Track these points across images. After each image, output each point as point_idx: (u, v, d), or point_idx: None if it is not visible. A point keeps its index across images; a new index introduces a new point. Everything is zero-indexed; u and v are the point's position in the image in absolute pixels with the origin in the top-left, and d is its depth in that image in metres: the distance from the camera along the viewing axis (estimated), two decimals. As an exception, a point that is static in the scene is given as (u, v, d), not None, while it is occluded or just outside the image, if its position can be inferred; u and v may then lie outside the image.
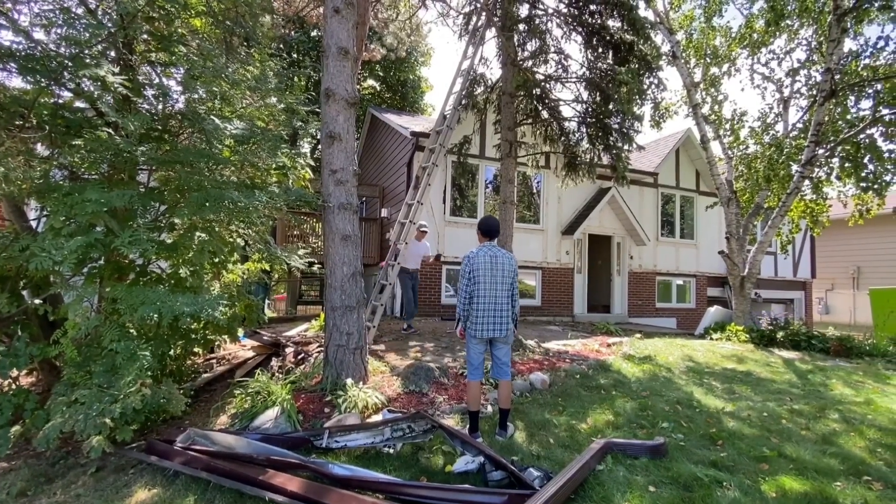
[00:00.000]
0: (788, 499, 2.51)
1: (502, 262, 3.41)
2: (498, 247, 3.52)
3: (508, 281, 3.42)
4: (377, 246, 11.33)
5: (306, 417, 3.79)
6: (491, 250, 3.46)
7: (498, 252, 3.45)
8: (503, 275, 3.39)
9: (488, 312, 3.36)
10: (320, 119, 4.43)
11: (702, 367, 5.56)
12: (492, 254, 3.43)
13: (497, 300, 3.37)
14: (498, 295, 3.37)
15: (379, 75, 19.16)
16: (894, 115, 7.91)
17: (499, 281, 3.37)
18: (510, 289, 3.44)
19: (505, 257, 3.45)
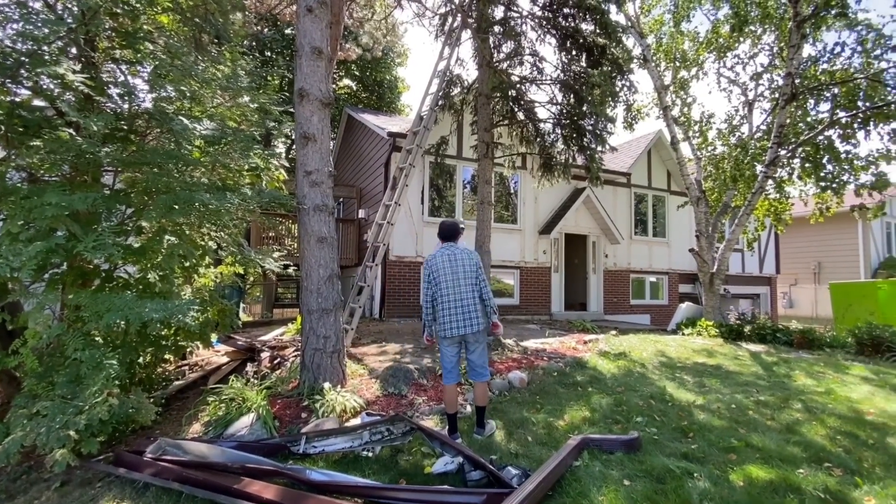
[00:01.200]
0: (755, 487, 2.61)
1: (461, 259, 3.39)
2: (457, 245, 3.50)
3: (472, 276, 3.38)
4: (355, 247, 11.23)
5: (283, 423, 3.73)
6: (448, 249, 3.45)
7: (456, 250, 3.44)
8: (464, 271, 3.36)
9: (455, 310, 3.32)
10: (294, 119, 4.37)
11: (674, 362, 5.72)
12: (449, 252, 3.42)
13: (462, 296, 3.34)
14: (462, 291, 3.34)
15: (355, 75, 19.00)
16: (850, 117, 8.32)
17: (461, 277, 3.35)
18: (474, 283, 3.38)
19: (464, 253, 3.42)
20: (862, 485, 2.66)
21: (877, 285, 10.93)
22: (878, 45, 8.05)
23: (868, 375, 5.21)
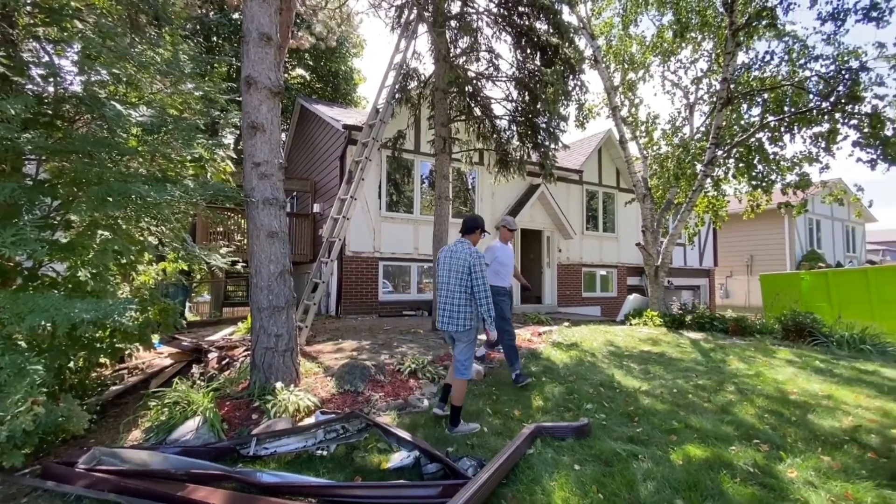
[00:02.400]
0: (693, 465, 2.79)
1: (455, 256, 3.37)
2: (464, 241, 3.48)
3: (459, 275, 3.32)
4: (309, 243, 10.93)
5: (232, 426, 3.58)
6: (453, 246, 3.49)
7: (455, 247, 3.45)
8: (456, 269, 3.33)
9: (441, 305, 3.41)
10: (241, 109, 4.17)
11: (622, 351, 6.00)
12: (451, 249, 3.47)
13: (448, 294, 3.37)
14: (450, 289, 3.36)
15: (309, 64, 18.40)
16: (778, 121, 9.01)
17: (452, 275, 3.36)
18: (462, 283, 3.31)
19: (460, 251, 3.38)
20: (786, 458, 2.90)
21: (800, 276, 11.96)
22: (803, 56, 8.76)
23: (792, 358, 5.70)
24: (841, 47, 8.22)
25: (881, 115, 7.77)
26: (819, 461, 2.85)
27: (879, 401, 4.05)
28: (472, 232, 3.52)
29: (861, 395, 4.19)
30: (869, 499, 2.38)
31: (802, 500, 2.38)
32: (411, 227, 10.35)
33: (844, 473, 2.69)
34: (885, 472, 2.71)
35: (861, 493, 2.42)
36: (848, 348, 6.48)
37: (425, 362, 4.90)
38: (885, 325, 7.80)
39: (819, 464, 2.81)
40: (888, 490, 2.48)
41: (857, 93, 7.80)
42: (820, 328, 7.13)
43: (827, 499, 2.39)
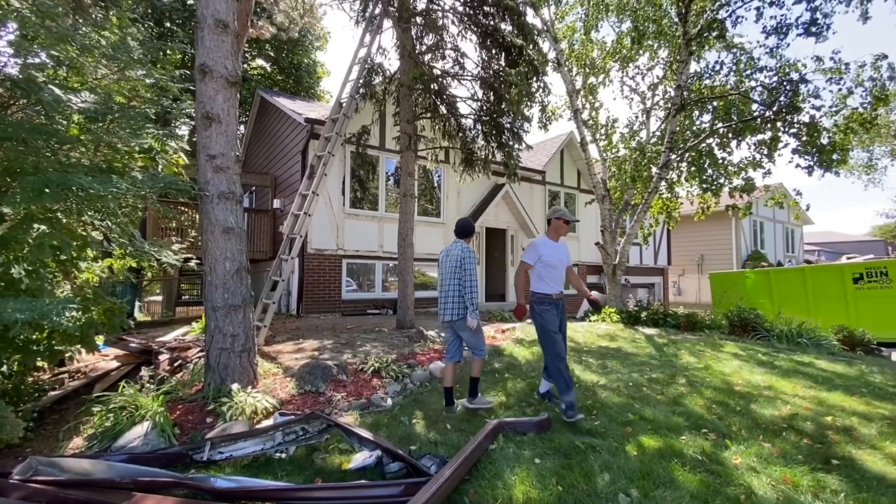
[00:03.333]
0: (646, 455, 2.91)
1: (451, 255, 3.75)
2: (459, 241, 3.83)
3: (451, 270, 3.71)
4: (269, 239, 10.59)
5: (184, 430, 3.42)
6: (450, 246, 3.85)
7: (452, 246, 3.82)
8: (451, 266, 3.73)
9: (441, 299, 3.80)
10: (195, 98, 3.97)
11: (581, 347, 6.18)
12: (448, 249, 3.84)
13: (445, 288, 3.76)
14: (447, 284, 3.75)
15: (269, 55, 17.82)
16: (726, 128, 9.53)
17: (448, 271, 3.75)
18: (454, 277, 3.70)
19: (455, 251, 3.76)
20: (731, 446, 3.07)
21: (745, 275, 12.73)
22: (749, 67, 9.30)
23: (738, 352, 6.05)
24: (783, 60, 8.79)
25: (818, 125, 8.37)
26: (761, 448, 3.03)
27: (814, 390, 4.36)
28: (468, 236, 3.88)
29: (798, 386, 4.50)
30: (805, 482, 2.56)
31: (746, 485, 2.52)
32: (376, 225, 10.23)
33: (783, 459, 2.88)
34: (819, 457, 2.92)
35: (798, 477, 2.60)
36: (787, 342, 6.95)
37: (389, 361, 4.86)
38: (820, 319, 8.42)
39: (761, 450, 2.99)
40: (822, 473, 2.68)
41: (796, 103, 8.36)
42: (762, 323, 7.61)
43: (767, 483, 2.55)
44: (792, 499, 2.37)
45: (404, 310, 7.04)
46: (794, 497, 2.39)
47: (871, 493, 2.42)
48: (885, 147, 26.70)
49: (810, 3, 7.68)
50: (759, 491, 2.45)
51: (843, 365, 5.58)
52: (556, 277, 3.76)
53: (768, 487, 2.49)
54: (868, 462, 2.84)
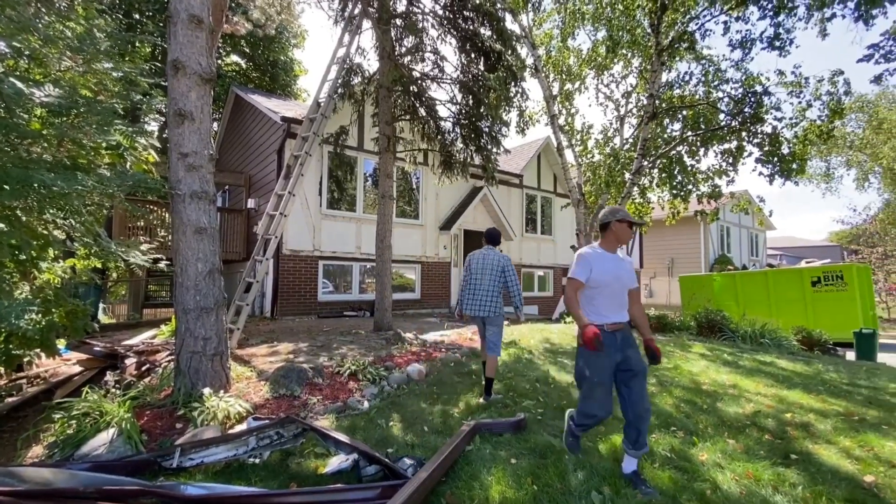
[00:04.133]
0: (618, 453, 2.98)
1: (491, 260, 4.31)
2: (494, 249, 4.40)
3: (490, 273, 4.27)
4: (243, 240, 10.36)
5: (153, 437, 3.31)
6: (485, 251, 4.38)
7: (487, 252, 4.37)
8: (491, 269, 4.28)
9: (472, 297, 4.30)
10: (167, 94, 3.86)
11: (557, 348, 6.28)
12: (483, 254, 4.36)
13: (482, 288, 4.27)
14: (483, 284, 4.27)
15: (245, 52, 17.44)
16: (695, 137, 9.89)
17: (486, 274, 4.27)
18: (496, 280, 4.28)
19: (493, 256, 4.33)
20: (698, 443, 3.19)
21: (713, 278, 13.20)
22: (717, 78, 9.68)
23: (705, 352, 6.27)
24: (748, 73, 9.19)
25: (779, 136, 8.78)
26: (725, 444, 3.16)
27: (775, 388, 4.57)
28: (498, 243, 4.46)
29: (760, 384, 4.70)
30: (766, 476, 2.68)
31: (712, 480, 2.62)
32: (353, 226, 10.15)
33: (746, 454, 3.00)
34: (779, 452, 3.06)
35: (759, 472, 2.72)
36: (751, 342, 7.26)
37: (366, 363, 4.82)
38: (782, 321, 8.82)
39: (725, 447, 3.12)
40: (781, 468, 2.81)
41: (760, 114, 8.75)
42: (728, 325, 7.92)
43: (731, 478, 2.66)
44: (754, 492, 2.48)
45: (382, 312, 7.00)
46: (756, 490, 2.50)
47: (825, 486, 2.56)
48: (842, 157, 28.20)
49: (773, 18, 8.05)
50: (723, 486, 2.55)
51: (801, 364, 5.86)
52: (611, 302, 2.73)
53: (732, 482, 2.60)
54: (824, 456, 3.00)
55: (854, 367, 6.16)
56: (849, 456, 3.02)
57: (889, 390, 4.67)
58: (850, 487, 2.56)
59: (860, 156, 27.33)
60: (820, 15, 7.65)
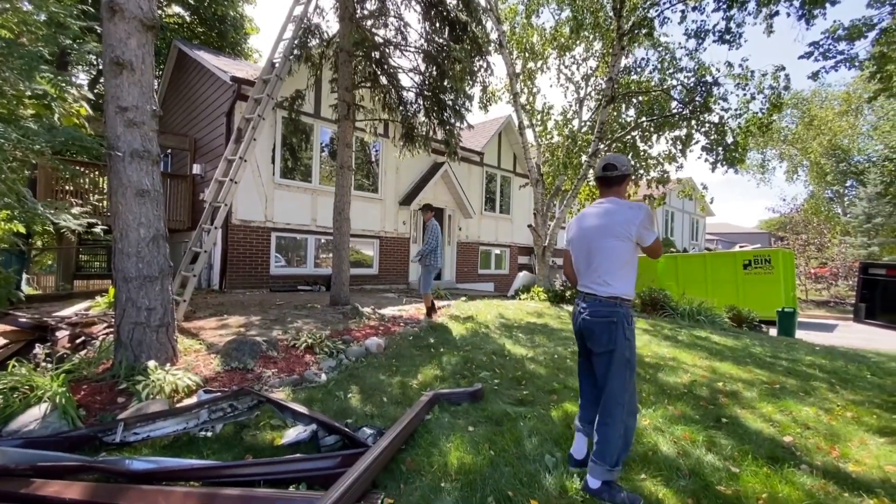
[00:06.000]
0: (569, 419, 3.14)
1: None
2: None
3: None
4: (187, 208, 9.75)
5: (91, 412, 3.11)
6: None
7: None
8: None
9: None
10: (102, 41, 3.47)
11: (511, 323, 6.46)
12: None
13: None
14: None
15: (189, 3, 16.00)
16: (649, 122, 10.25)
17: None
18: None
19: None
20: (641, 409, 3.41)
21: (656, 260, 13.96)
22: (671, 66, 10.01)
23: (647, 328, 6.67)
24: (700, 63, 9.56)
25: (725, 125, 9.27)
26: (665, 410, 3.40)
27: (709, 360, 4.95)
28: None
29: (696, 357, 5.08)
30: (700, 438, 2.92)
31: (653, 442, 2.83)
32: (309, 197, 9.80)
33: (683, 419, 3.25)
34: (711, 417, 3.34)
35: (694, 434, 2.96)
36: (689, 319, 7.79)
37: (323, 337, 4.75)
38: (716, 300, 9.50)
39: (665, 413, 3.36)
40: (713, 430, 3.07)
41: (709, 104, 9.18)
42: (669, 303, 8.45)
43: (670, 440, 2.88)
44: (689, 452, 2.70)
45: (339, 286, 6.88)
46: (691, 451, 2.72)
47: (751, 445, 2.83)
48: (776, 150, 30.35)
49: (726, 12, 8.38)
50: (662, 447, 2.75)
51: (732, 339, 6.37)
52: None
53: (671, 444, 2.82)
54: (749, 420, 3.30)
55: (776, 342, 6.79)
56: (771, 419, 3.34)
57: (805, 362, 5.19)
58: (772, 446, 2.85)
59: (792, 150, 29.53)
60: (767, 10, 8.03)
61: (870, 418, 3.41)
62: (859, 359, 5.57)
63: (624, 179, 2.36)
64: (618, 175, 2.34)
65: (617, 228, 2.22)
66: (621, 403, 2.19)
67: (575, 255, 2.45)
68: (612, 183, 2.37)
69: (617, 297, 2.24)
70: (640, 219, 2.21)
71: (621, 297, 2.24)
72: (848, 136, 27.58)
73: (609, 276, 2.24)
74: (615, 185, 2.37)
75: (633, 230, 2.21)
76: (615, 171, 2.33)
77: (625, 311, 2.25)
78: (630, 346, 2.24)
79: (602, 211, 2.31)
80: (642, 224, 2.21)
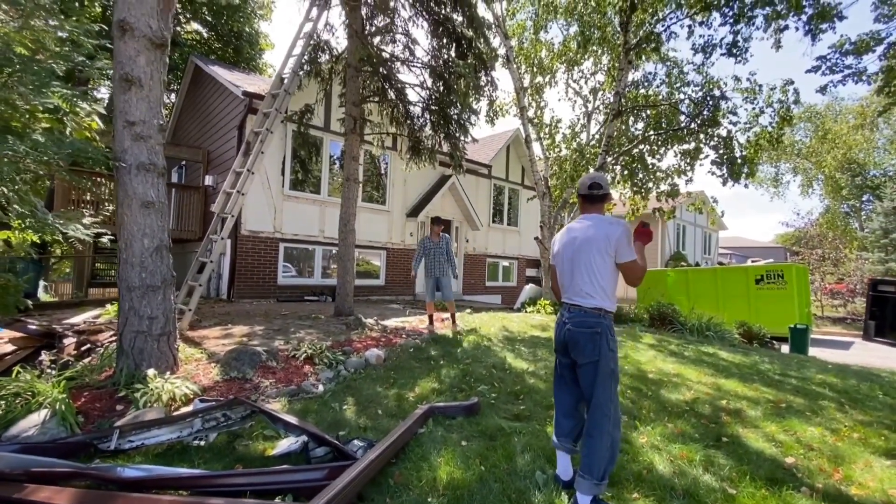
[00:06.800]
0: (565, 436, 3.10)
1: None
2: None
3: None
4: (199, 218, 9.95)
5: (90, 419, 3.16)
6: None
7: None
8: None
9: None
10: (113, 58, 3.61)
11: (515, 336, 6.42)
12: None
13: None
14: None
15: (207, 20, 16.53)
16: (657, 136, 10.22)
17: None
18: None
19: None
20: (640, 427, 3.35)
21: (666, 273, 13.79)
22: (679, 80, 10.01)
23: (654, 343, 6.57)
24: (708, 77, 9.54)
25: (733, 139, 9.20)
26: (665, 428, 3.33)
27: (714, 377, 4.85)
28: None
29: (701, 373, 4.98)
30: (698, 457, 2.85)
31: (649, 461, 2.77)
32: (317, 209, 9.92)
33: (682, 437, 3.18)
34: (712, 435, 3.26)
35: (692, 453, 2.89)
36: (697, 334, 7.65)
37: (323, 347, 4.77)
38: (727, 315, 9.33)
39: (664, 430, 3.29)
40: (713, 450, 3.00)
41: (717, 117, 9.13)
42: (678, 317, 8.32)
43: (667, 458, 2.82)
44: (685, 472, 2.64)
45: (343, 297, 6.92)
46: (688, 470, 2.66)
47: (750, 466, 2.75)
48: (790, 164, 29.94)
49: (733, 26, 8.38)
50: (658, 466, 2.70)
51: (740, 355, 6.24)
52: None
53: (667, 462, 2.76)
54: (751, 440, 3.22)
55: (787, 359, 6.63)
56: (773, 439, 3.25)
57: (815, 381, 5.05)
58: (772, 467, 2.77)
59: (806, 163, 29.10)
60: (776, 25, 8.01)
61: (877, 440, 3.30)
62: (872, 377, 5.41)
63: (606, 198, 2.47)
64: (602, 193, 2.44)
65: (599, 243, 2.28)
66: (607, 415, 2.20)
67: (559, 269, 2.50)
68: (595, 200, 2.45)
69: (601, 309, 2.29)
70: (617, 234, 2.26)
71: (604, 309, 2.29)
72: (863, 149, 27.12)
73: (592, 288, 2.30)
74: (598, 202, 2.45)
75: (612, 245, 2.26)
76: (600, 190, 2.43)
77: (608, 322, 2.30)
78: (614, 358, 2.27)
79: (584, 227, 2.37)
80: (619, 240, 2.25)
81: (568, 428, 2.43)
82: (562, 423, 2.47)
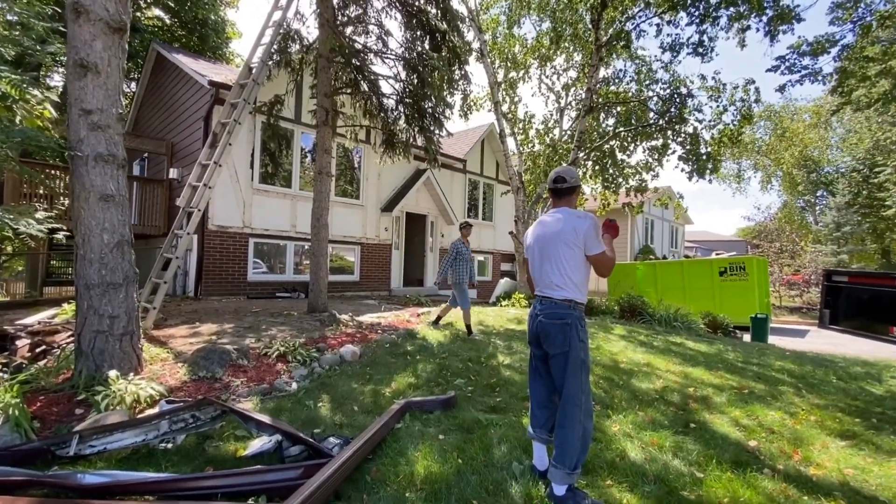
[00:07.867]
0: (541, 427, 3.14)
1: None
2: None
3: None
4: (163, 213, 9.55)
5: (47, 424, 2.99)
6: None
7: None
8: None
9: None
10: (67, 43, 3.39)
11: (490, 329, 6.46)
12: None
13: None
14: None
15: (169, 6, 15.79)
16: (627, 132, 10.45)
17: None
18: None
19: None
20: (612, 415, 3.43)
21: (636, 266, 14.18)
22: (648, 78, 10.25)
23: (624, 334, 6.74)
24: (675, 75, 9.81)
25: (699, 136, 9.50)
26: (636, 416, 3.43)
27: (682, 366, 5.02)
28: None
29: (670, 362, 5.14)
30: (668, 443, 2.94)
31: (621, 448, 2.84)
32: (288, 203, 9.69)
33: (653, 425, 3.28)
34: (681, 422, 3.37)
35: (662, 440, 2.98)
36: (665, 325, 7.91)
37: (297, 345, 4.67)
38: (693, 306, 9.67)
39: (636, 418, 3.38)
40: (681, 436, 3.10)
41: (684, 114, 9.41)
42: (647, 309, 8.57)
43: (638, 445, 2.89)
44: (656, 458, 2.72)
45: (316, 293, 6.79)
46: (658, 456, 2.74)
47: (716, 450, 2.86)
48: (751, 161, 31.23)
49: (699, 26, 8.63)
50: (631, 453, 2.77)
51: (706, 345, 6.49)
52: None
53: (639, 449, 2.83)
54: (717, 425, 3.35)
55: (749, 347, 6.94)
56: (738, 424, 3.39)
57: (775, 367, 5.31)
58: (737, 451, 2.89)
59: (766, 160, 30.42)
60: (739, 25, 8.30)
61: (832, 422, 3.49)
62: (826, 364, 5.72)
63: (573, 191, 2.47)
64: (567, 187, 2.44)
65: (567, 236, 2.31)
66: (578, 405, 2.24)
67: (531, 262, 2.54)
68: (562, 194, 2.46)
69: (571, 301, 2.32)
70: (584, 227, 2.29)
71: (575, 301, 2.33)
72: (818, 147, 28.57)
73: (561, 280, 2.33)
74: (566, 195, 2.47)
75: (580, 238, 2.29)
76: (565, 184, 2.43)
77: (578, 314, 2.33)
78: (584, 348, 2.31)
79: (554, 220, 2.41)
80: (587, 233, 2.28)
81: (543, 419, 2.47)
82: (537, 414, 2.50)
